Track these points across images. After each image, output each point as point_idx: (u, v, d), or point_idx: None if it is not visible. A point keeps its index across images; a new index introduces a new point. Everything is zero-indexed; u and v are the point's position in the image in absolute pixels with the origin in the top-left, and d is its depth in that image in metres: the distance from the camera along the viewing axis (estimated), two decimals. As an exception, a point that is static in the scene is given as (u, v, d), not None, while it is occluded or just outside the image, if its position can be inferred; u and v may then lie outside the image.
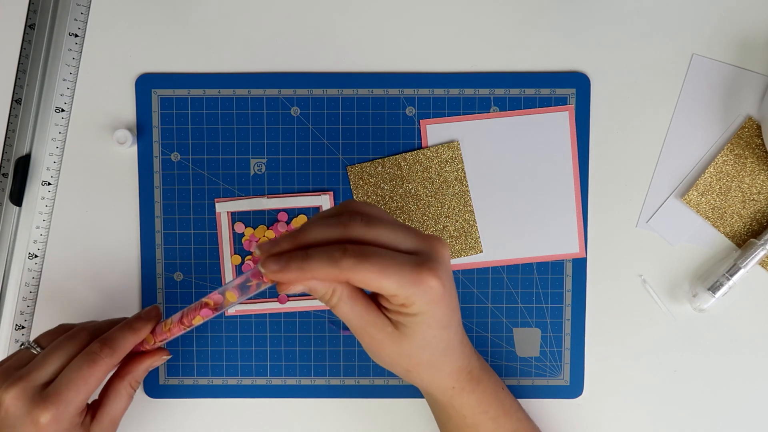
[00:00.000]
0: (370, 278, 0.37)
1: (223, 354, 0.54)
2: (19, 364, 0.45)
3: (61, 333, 0.46)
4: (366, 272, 0.37)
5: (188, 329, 0.45)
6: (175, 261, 0.54)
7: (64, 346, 0.44)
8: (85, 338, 0.45)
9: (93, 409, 0.46)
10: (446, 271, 0.40)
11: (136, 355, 0.47)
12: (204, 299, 0.44)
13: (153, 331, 0.46)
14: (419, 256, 0.39)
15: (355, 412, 0.55)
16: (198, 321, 0.44)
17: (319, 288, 0.39)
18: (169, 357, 0.48)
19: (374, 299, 0.41)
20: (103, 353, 0.44)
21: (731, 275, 0.52)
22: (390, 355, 0.42)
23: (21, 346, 0.47)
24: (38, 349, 0.46)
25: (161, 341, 0.46)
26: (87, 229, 0.54)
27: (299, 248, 0.38)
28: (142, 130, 0.53)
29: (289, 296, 0.54)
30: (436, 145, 0.53)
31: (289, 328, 0.54)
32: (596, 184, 0.54)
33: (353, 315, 0.40)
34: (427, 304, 0.39)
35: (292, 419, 0.55)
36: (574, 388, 0.54)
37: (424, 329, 0.40)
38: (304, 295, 0.54)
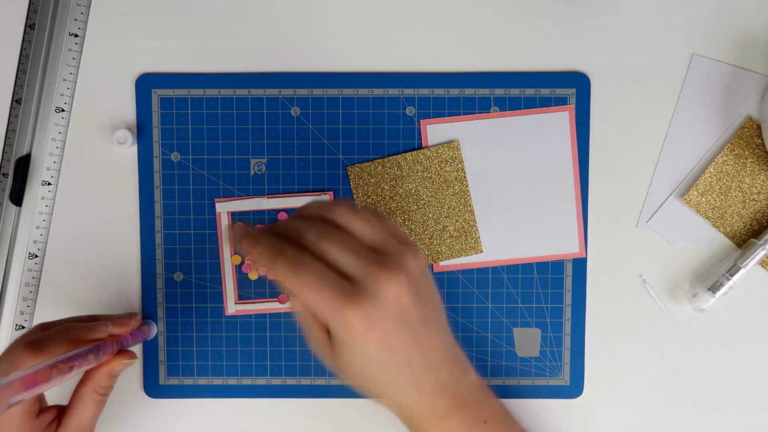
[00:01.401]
0: (296, 289, 0.37)
1: (223, 354, 0.54)
2: None
3: (38, 332, 0.45)
4: (294, 282, 0.36)
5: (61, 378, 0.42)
6: (175, 261, 0.54)
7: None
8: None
9: (61, 415, 0.47)
10: (379, 307, 0.37)
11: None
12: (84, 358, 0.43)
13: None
14: (353, 285, 0.37)
15: (355, 412, 0.55)
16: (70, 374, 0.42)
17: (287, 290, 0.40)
18: (134, 360, 0.47)
19: None
20: (25, 356, 0.42)
21: (731, 275, 0.52)
22: (333, 368, 0.40)
23: None
24: None
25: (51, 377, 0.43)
26: (87, 229, 0.54)
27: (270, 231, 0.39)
28: (142, 130, 0.53)
29: (289, 296, 0.54)
30: (436, 145, 0.53)
31: (289, 328, 0.54)
32: (596, 184, 0.54)
33: (305, 325, 0.40)
34: (348, 337, 0.37)
35: (292, 419, 0.55)
36: (574, 388, 0.54)
37: (350, 359, 0.39)
38: (304, 295, 0.54)
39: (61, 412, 0.47)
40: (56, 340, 0.43)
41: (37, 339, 0.43)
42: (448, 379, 0.42)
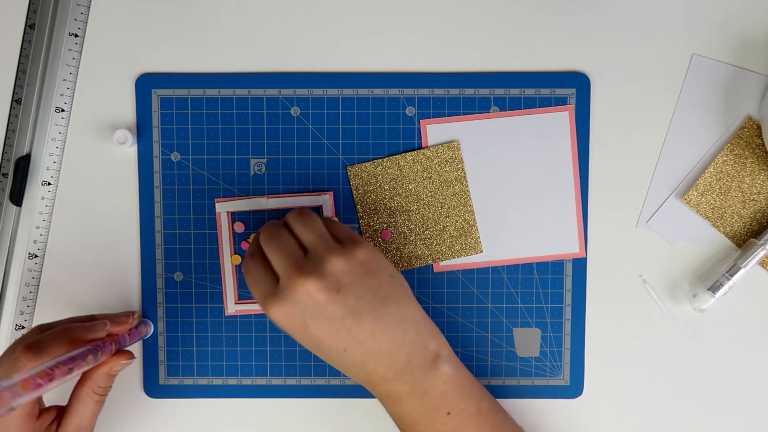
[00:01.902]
0: (247, 282, 0.45)
1: (223, 354, 0.54)
2: None
3: (35, 334, 0.45)
4: (246, 275, 0.46)
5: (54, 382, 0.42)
6: (175, 261, 0.54)
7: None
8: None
9: (60, 416, 0.47)
10: (294, 305, 0.43)
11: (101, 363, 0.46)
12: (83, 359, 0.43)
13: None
14: (276, 286, 0.44)
15: (354, 412, 0.55)
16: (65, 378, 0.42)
17: (251, 248, 0.47)
18: (132, 360, 0.48)
19: None
20: (25, 358, 0.43)
21: (731, 275, 0.52)
22: None
23: None
24: None
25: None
26: (87, 229, 0.54)
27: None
28: (142, 130, 0.53)
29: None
30: (436, 145, 0.53)
31: (289, 328, 0.54)
32: (596, 184, 0.54)
33: (253, 272, 0.46)
34: (283, 329, 0.44)
35: (292, 419, 0.55)
36: (574, 388, 0.54)
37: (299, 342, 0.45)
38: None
39: (61, 412, 0.47)
40: (55, 341, 0.44)
41: (37, 341, 0.43)
42: (405, 367, 0.45)
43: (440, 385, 0.46)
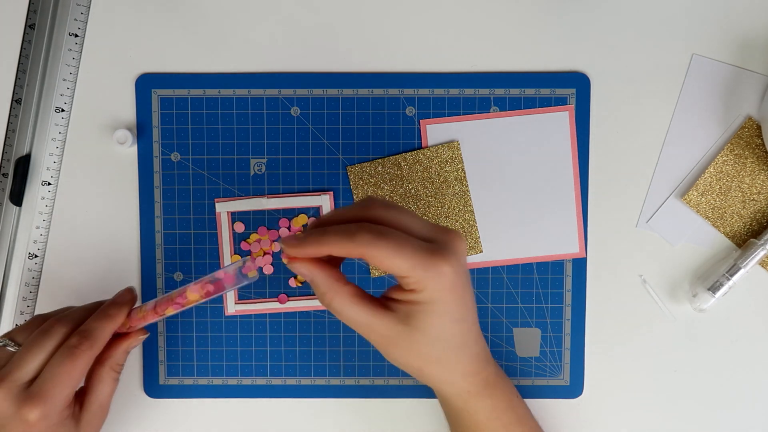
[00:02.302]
0: (384, 255, 0.38)
1: (223, 354, 0.54)
2: None
3: (36, 325, 0.46)
4: (381, 249, 0.38)
5: (162, 317, 0.45)
6: (175, 261, 0.54)
7: (41, 342, 0.44)
8: (61, 331, 0.45)
9: (80, 397, 0.47)
10: (460, 263, 0.40)
11: (114, 338, 0.47)
12: (177, 292, 0.44)
13: (128, 315, 0.46)
14: (435, 244, 0.39)
15: (355, 412, 0.55)
16: (170, 311, 0.44)
17: (321, 282, 0.40)
18: (147, 335, 0.48)
19: (381, 299, 0.41)
20: (82, 346, 0.44)
21: (731, 275, 0.52)
22: (402, 354, 0.42)
23: None
24: (13, 345, 0.45)
25: (135, 327, 0.46)
26: (87, 229, 0.54)
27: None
28: (142, 130, 0.53)
29: (289, 296, 0.54)
30: (436, 145, 0.53)
31: (289, 328, 0.54)
32: (596, 184, 0.54)
33: (359, 317, 0.40)
34: (439, 291, 0.39)
35: (292, 419, 0.55)
36: (574, 388, 0.54)
37: (435, 320, 0.40)
38: (304, 295, 0.54)
39: (79, 395, 0.47)
40: (102, 325, 0.45)
41: (86, 330, 0.45)
42: (487, 355, 0.45)
43: (501, 370, 0.48)
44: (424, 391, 0.54)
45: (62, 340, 0.44)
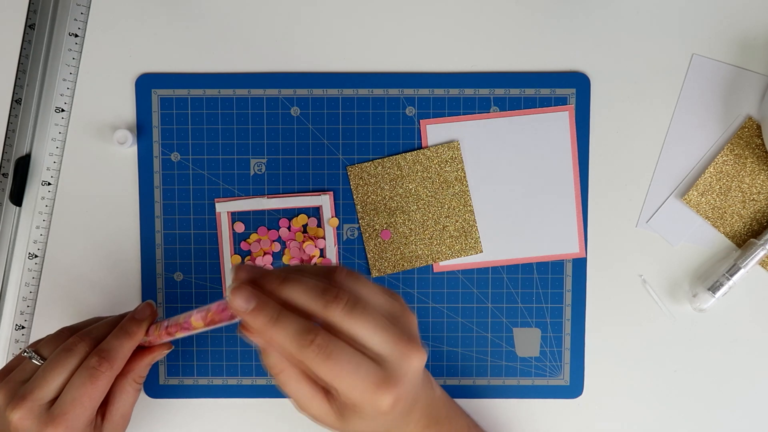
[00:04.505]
0: (325, 374, 0.36)
1: (223, 354, 0.54)
2: (22, 376, 0.45)
3: (63, 338, 0.46)
4: (324, 369, 0.36)
5: (174, 338, 0.45)
6: (175, 261, 0.54)
7: (63, 360, 0.44)
8: (83, 349, 0.45)
9: (102, 409, 0.47)
10: (406, 387, 0.38)
11: (138, 350, 0.47)
12: (184, 316, 0.43)
13: (147, 331, 0.46)
14: (383, 367, 0.37)
15: (355, 412, 0.55)
16: (180, 335, 0.44)
17: (273, 361, 0.38)
18: (171, 349, 0.48)
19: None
20: (102, 367, 0.44)
21: (731, 275, 0.52)
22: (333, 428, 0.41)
23: (22, 352, 0.46)
24: (38, 358, 0.45)
25: (153, 342, 0.46)
26: (87, 229, 0.54)
27: (276, 297, 0.37)
28: (142, 130, 0.53)
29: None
30: (436, 145, 0.53)
31: (289, 328, 0.54)
32: (596, 184, 0.54)
33: (299, 395, 0.39)
34: (372, 413, 0.38)
35: (292, 419, 0.55)
36: (574, 388, 0.54)
37: (363, 427, 0.39)
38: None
39: (102, 405, 0.47)
40: (121, 344, 0.45)
41: (106, 348, 0.45)
42: (423, 396, 0.42)
43: (442, 409, 0.46)
44: (424, 391, 0.54)
45: (83, 357, 0.45)
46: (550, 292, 0.54)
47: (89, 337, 0.46)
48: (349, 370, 0.36)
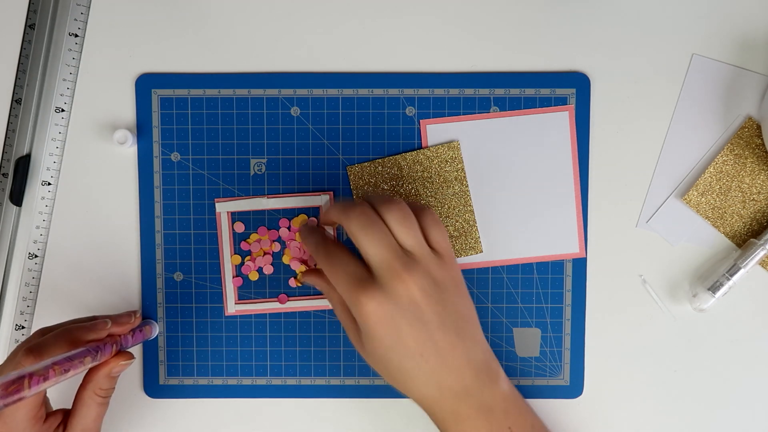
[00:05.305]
0: (329, 277, 0.45)
1: (223, 354, 0.54)
2: None
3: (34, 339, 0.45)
4: (326, 271, 0.45)
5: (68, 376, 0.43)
6: (175, 261, 0.54)
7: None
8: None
9: (65, 421, 0.47)
10: (390, 298, 0.42)
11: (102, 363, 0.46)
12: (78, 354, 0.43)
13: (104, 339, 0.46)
14: (371, 275, 0.43)
15: (355, 412, 0.55)
16: (71, 374, 0.43)
17: (322, 287, 0.49)
18: (132, 361, 0.47)
19: None
20: (26, 361, 0.43)
21: (731, 275, 0.52)
22: (364, 358, 0.46)
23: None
24: None
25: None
26: (87, 229, 0.54)
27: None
28: (142, 130, 0.53)
29: (289, 296, 0.54)
30: (436, 145, 0.53)
31: (289, 328, 0.54)
32: (596, 184, 0.54)
33: (340, 317, 0.47)
34: (363, 322, 0.43)
35: (292, 419, 0.55)
36: (574, 388, 0.54)
37: (368, 344, 0.44)
38: (304, 295, 0.54)
39: (67, 415, 0.47)
40: (56, 343, 0.44)
41: (38, 344, 0.43)
42: (472, 384, 0.45)
43: (502, 402, 0.46)
44: (424, 391, 0.54)
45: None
46: (550, 292, 0.54)
47: (61, 332, 0.45)
48: (340, 271, 0.44)
